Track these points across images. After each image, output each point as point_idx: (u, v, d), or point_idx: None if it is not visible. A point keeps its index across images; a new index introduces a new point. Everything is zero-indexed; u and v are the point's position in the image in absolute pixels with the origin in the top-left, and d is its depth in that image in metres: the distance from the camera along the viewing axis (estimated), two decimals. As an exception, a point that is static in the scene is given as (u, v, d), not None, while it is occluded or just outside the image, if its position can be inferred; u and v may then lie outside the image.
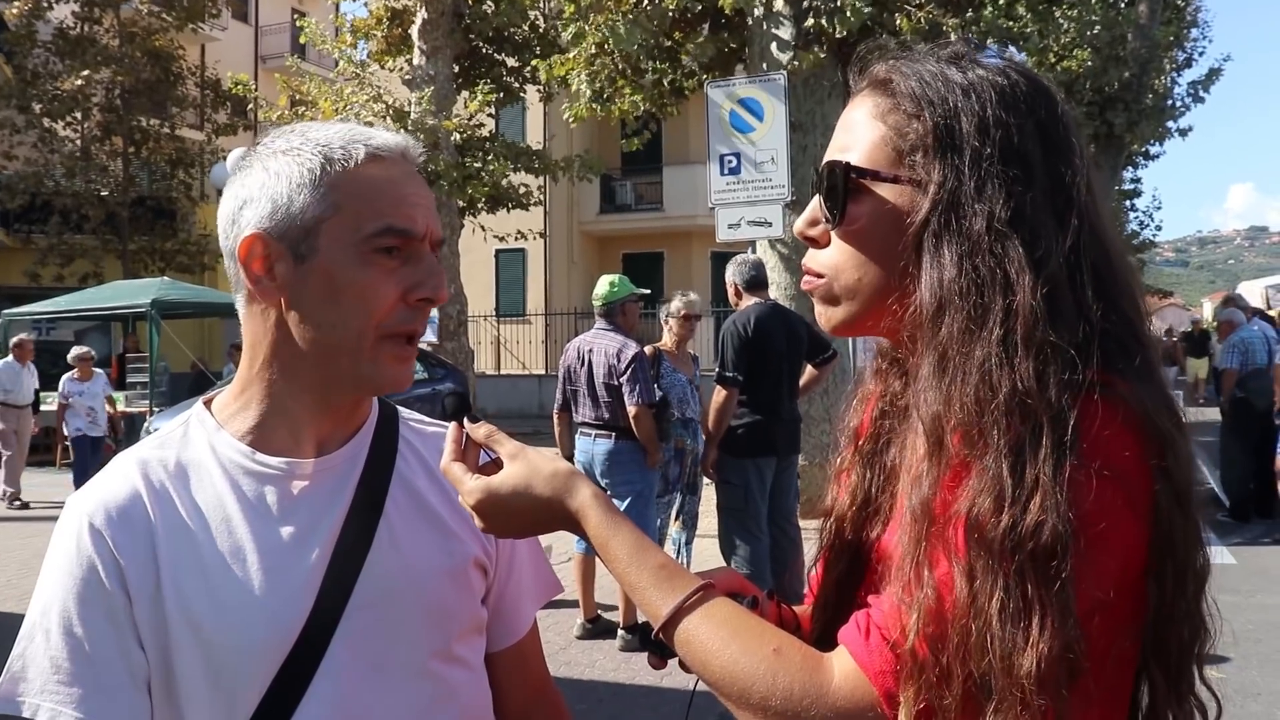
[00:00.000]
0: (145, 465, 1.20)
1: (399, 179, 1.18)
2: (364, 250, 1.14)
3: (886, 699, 0.89)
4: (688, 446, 6.50)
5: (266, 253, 1.16)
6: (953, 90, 0.99)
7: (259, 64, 29.96)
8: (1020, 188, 0.95)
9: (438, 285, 1.17)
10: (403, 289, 1.16)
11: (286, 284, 1.16)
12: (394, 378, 1.19)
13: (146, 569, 1.14)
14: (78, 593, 1.13)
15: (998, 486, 0.86)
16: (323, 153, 1.16)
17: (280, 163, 1.17)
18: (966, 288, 0.93)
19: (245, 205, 1.17)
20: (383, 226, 1.14)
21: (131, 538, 1.15)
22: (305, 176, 1.15)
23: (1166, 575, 0.90)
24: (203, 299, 16.00)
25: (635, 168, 26.08)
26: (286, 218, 1.15)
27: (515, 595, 1.39)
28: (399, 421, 1.35)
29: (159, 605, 1.13)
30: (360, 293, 1.14)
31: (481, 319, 24.21)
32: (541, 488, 1.07)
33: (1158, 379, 0.95)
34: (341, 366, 1.17)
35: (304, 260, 1.15)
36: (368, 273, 1.14)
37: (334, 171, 1.15)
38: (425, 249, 1.19)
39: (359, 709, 1.18)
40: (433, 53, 15.45)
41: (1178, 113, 20.98)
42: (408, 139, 1.23)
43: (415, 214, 1.17)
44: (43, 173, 20.83)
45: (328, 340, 1.16)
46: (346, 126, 1.21)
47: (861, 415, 1.21)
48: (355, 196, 1.15)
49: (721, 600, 0.99)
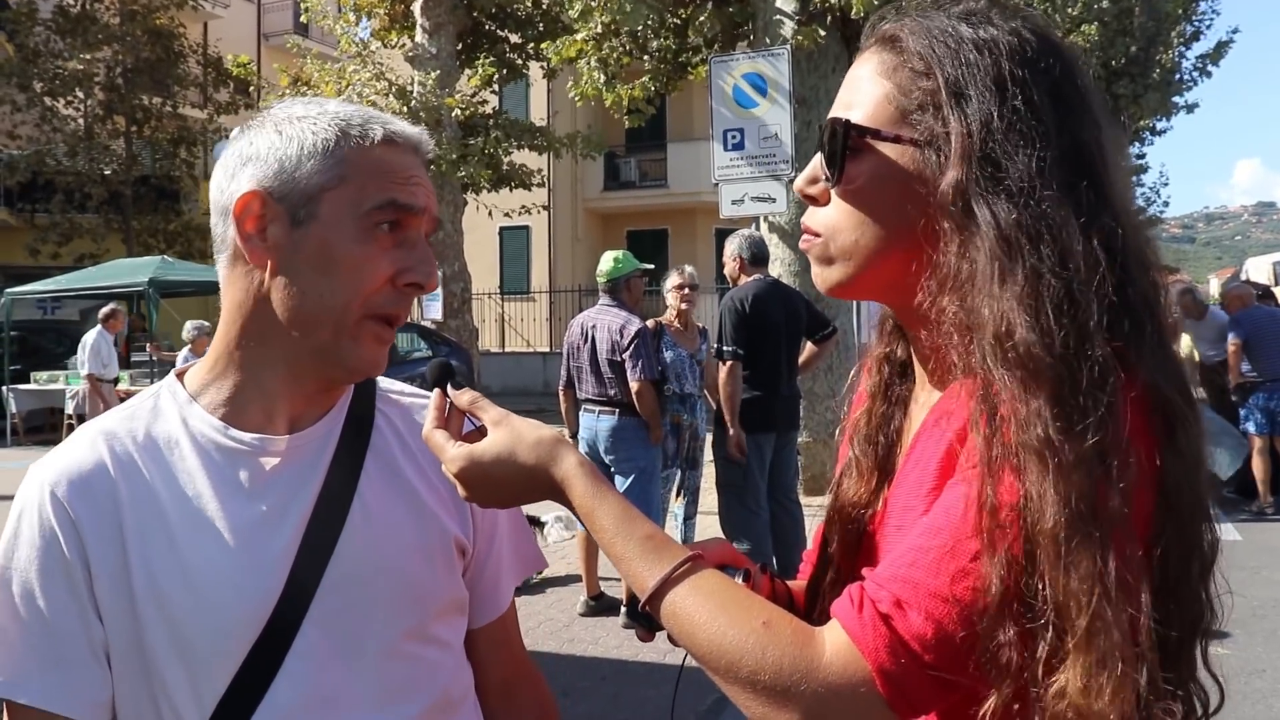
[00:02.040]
0: (112, 437, 1.18)
1: (408, 164, 1.18)
2: (364, 224, 1.13)
3: (880, 674, 0.85)
4: (685, 422, 6.48)
5: (263, 211, 1.14)
6: (964, 46, 0.96)
7: (261, 42, 29.82)
8: (1044, 144, 0.92)
9: (429, 273, 1.16)
10: (395, 270, 1.15)
11: (278, 246, 1.14)
12: (371, 359, 1.17)
13: (111, 543, 1.12)
14: (38, 563, 1.11)
15: (1099, 451, 0.83)
16: (340, 126, 1.15)
17: (295, 128, 1.15)
18: (1034, 231, 0.89)
19: (249, 162, 1.15)
20: (386, 200, 1.13)
21: (95, 510, 1.13)
22: (319, 145, 1.14)
23: (1171, 555, 0.88)
24: (201, 277, 15.97)
25: (639, 144, 26.00)
26: (291, 181, 1.13)
27: (495, 571, 1.36)
28: (376, 393, 1.32)
29: (124, 581, 1.11)
30: (355, 265, 1.13)
31: (486, 296, 24.23)
32: (525, 455, 1.04)
33: (1170, 352, 0.92)
34: (321, 339, 1.15)
35: (301, 225, 1.13)
36: (365, 247, 1.13)
37: (348, 146, 1.14)
38: (420, 235, 1.18)
39: (331, 689, 1.16)
40: (435, 29, 15.39)
41: (1185, 87, 20.84)
42: (423, 132, 1.22)
43: (417, 192, 1.16)
44: (45, 152, 20.80)
45: (312, 309, 1.14)
46: (364, 108, 1.20)
47: (868, 379, 1.19)
48: (363, 171, 1.14)
49: (710, 572, 0.96)
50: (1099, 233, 0.90)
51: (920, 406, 1.09)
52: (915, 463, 1.01)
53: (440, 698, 1.25)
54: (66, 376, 14.70)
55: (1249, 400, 9.40)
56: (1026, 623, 0.83)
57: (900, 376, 1.17)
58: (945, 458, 0.94)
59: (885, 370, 1.17)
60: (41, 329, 19.28)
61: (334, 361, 1.17)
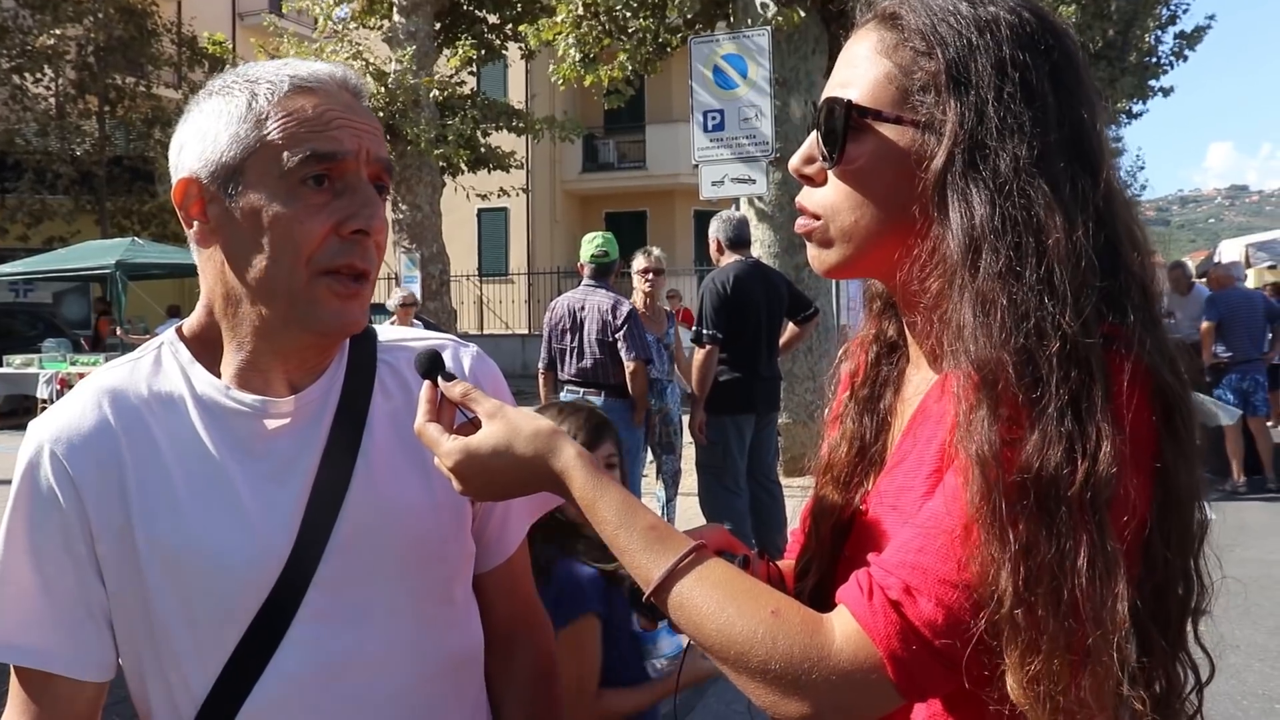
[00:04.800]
0: (114, 392, 1.15)
1: (325, 107, 1.11)
2: (290, 183, 1.09)
3: (890, 660, 0.85)
4: (654, 407, 6.49)
5: (201, 195, 1.12)
6: (966, 26, 0.94)
7: (236, 21, 29.43)
8: (1040, 129, 0.91)
9: (371, 215, 1.11)
10: (334, 221, 1.10)
11: (220, 225, 1.12)
12: (337, 316, 1.12)
13: (113, 502, 1.10)
14: (35, 524, 1.10)
15: (1066, 439, 0.83)
16: (249, 88, 1.11)
17: (213, 103, 1.13)
18: (1002, 228, 0.89)
19: (182, 149, 1.14)
20: (306, 153, 1.08)
21: (96, 468, 1.11)
22: (233, 113, 1.11)
23: (1170, 532, 0.89)
24: (171, 259, 15.79)
25: (618, 126, 25.84)
26: (215, 158, 1.11)
27: (504, 513, 1.32)
28: (376, 345, 1.27)
29: (129, 542, 1.10)
30: (285, 228, 1.08)
31: (464, 278, 24.07)
32: (523, 447, 1.02)
33: (1163, 334, 0.92)
34: (282, 307, 1.12)
35: (233, 199, 1.10)
36: (293, 207, 1.08)
37: (259, 106, 1.10)
38: (361, 178, 1.12)
39: (340, 652, 1.15)
40: (413, 9, 15.25)
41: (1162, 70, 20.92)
42: (345, 68, 1.17)
43: (342, 135, 1.10)
44: (14, 131, 20.49)
45: (261, 280, 1.11)
46: (282, 62, 1.16)
47: (856, 359, 1.18)
48: (279, 129, 1.09)
49: (715, 561, 0.96)
50: (1091, 220, 0.90)
51: (915, 387, 1.08)
52: (912, 443, 1.00)
53: (449, 658, 1.24)
54: (40, 360, 14.53)
55: (1221, 381, 9.49)
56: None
57: (890, 357, 1.16)
58: (947, 441, 0.93)
59: (874, 350, 1.17)
60: (13, 311, 19.05)
61: (303, 326, 1.13)
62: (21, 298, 20.10)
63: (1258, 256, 17.21)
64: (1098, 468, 0.82)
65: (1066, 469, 0.82)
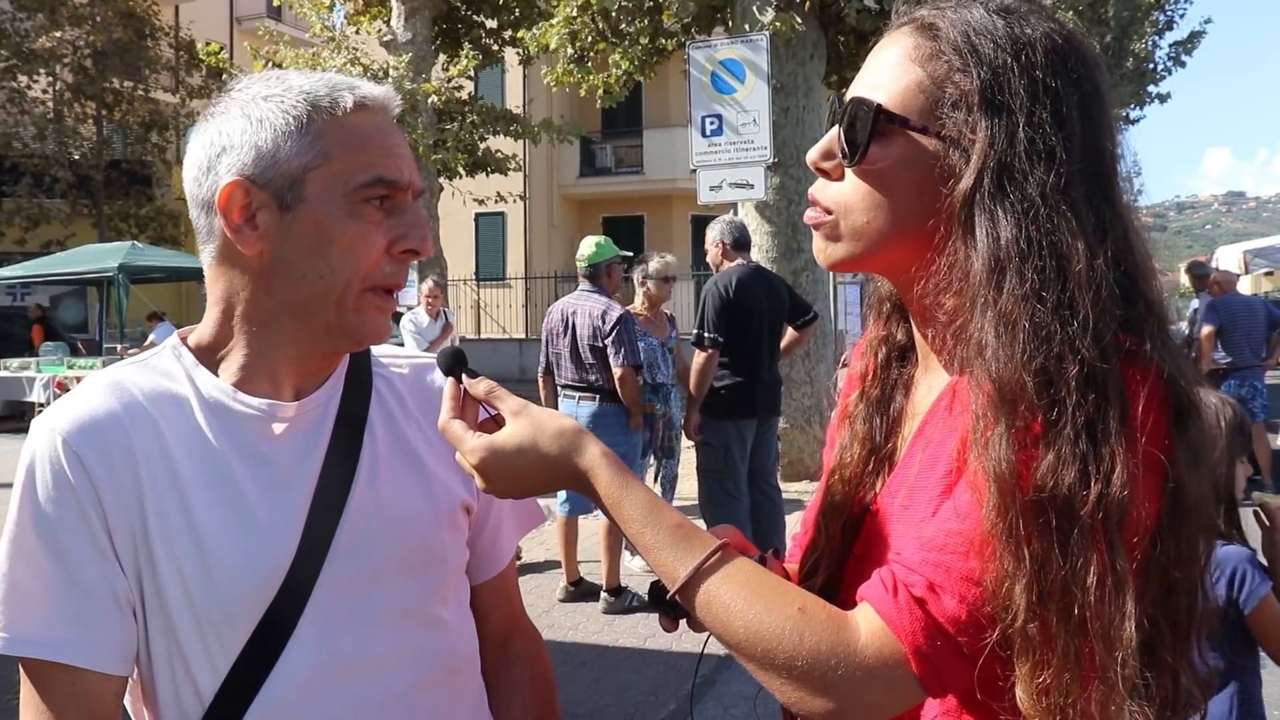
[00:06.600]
0: (124, 387, 1.15)
1: (384, 129, 1.16)
2: (353, 201, 1.12)
3: (916, 656, 0.87)
4: (658, 411, 6.50)
5: (248, 200, 1.12)
6: (1003, 47, 0.95)
7: (234, 25, 29.47)
8: (1066, 157, 0.92)
9: (423, 237, 1.16)
10: (388, 240, 1.14)
11: (269, 233, 1.13)
12: (376, 329, 1.17)
13: (128, 496, 1.10)
14: (55, 514, 1.08)
15: (1081, 460, 0.84)
16: (309, 99, 1.13)
17: (263, 109, 1.13)
18: (1027, 250, 0.90)
19: (225, 152, 1.14)
20: (373, 177, 1.12)
21: (110, 461, 1.10)
22: (291, 124, 1.12)
23: (1180, 546, 0.90)
24: (172, 263, 15.76)
25: (615, 130, 25.89)
26: (272, 165, 1.12)
27: (496, 527, 1.38)
28: (370, 359, 1.32)
29: (144, 537, 1.10)
30: (350, 243, 1.12)
31: (461, 283, 24.09)
32: (548, 445, 1.02)
33: (1176, 348, 0.94)
34: (326, 318, 1.14)
35: (289, 209, 1.12)
36: (358, 224, 1.12)
37: (321, 119, 1.12)
38: (409, 200, 1.17)
39: (344, 653, 1.16)
40: (410, 14, 15.26)
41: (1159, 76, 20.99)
42: (389, 89, 1.20)
43: (401, 164, 1.16)
44: (12, 134, 20.49)
45: (313, 290, 1.13)
46: (327, 75, 1.18)
47: (866, 361, 1.19)
48: (343, 145, 1.13)
49: (741, 560, 0.97)
50: (1111, 249, 0.91)
51: (925, 389, 1.09)
52: (924, 445, 1.01)
53: (449, 661, 1.27)
54: (38, 364, 14.50)
55: (1220, 387, 9.51)
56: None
57: (899, 359, 1.17)
58: (963, 443, 0.94)
59: (883, 352, 1.18)
60: (11, 315, 19.02)
61: (341, 336, 1.17)
62: (19, 301, 20.09)
63: (1255, 262, 17.26)
64: (1110, 489, 0.84)
65: (1081, 490, 0.84)
